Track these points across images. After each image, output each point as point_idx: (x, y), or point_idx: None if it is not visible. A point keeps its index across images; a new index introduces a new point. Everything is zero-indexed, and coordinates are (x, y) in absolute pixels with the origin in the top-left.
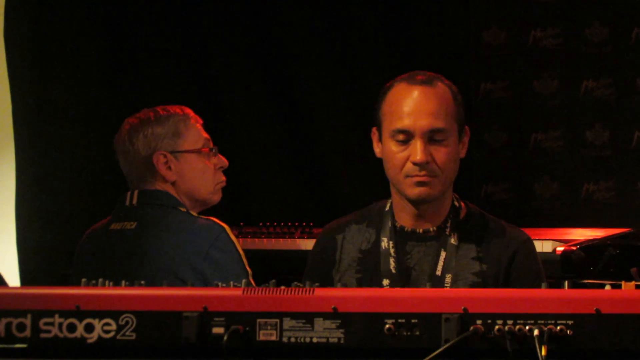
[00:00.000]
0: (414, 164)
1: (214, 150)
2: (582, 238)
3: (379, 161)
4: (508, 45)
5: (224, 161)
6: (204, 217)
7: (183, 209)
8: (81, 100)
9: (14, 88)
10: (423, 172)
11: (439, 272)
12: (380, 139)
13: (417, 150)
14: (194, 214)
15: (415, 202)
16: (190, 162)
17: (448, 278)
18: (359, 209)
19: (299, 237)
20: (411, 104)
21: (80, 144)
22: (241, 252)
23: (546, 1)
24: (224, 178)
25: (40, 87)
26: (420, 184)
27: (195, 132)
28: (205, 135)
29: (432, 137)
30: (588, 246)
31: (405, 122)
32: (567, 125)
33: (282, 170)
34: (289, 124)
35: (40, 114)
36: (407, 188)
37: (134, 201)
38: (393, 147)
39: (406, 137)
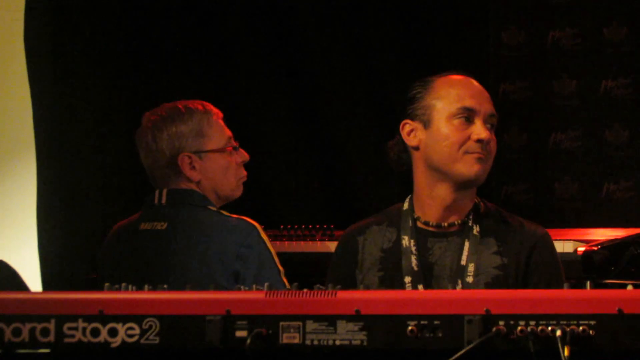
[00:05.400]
0: (478, 141)
1: (236, 148)
2: (603, 238)
3: None
4: (527, 46)
5: (245, 155)
6: (235, 216)
7: (213, 208)
8: (101, 103)
9: (34, 92)
10: (484, 151)
11: (463, 262)
12: (426, 126)
13: (481, 128)
14: (225, 213)
15: (468, 182)
16: (214, 161)
17: (471, 267)
18: (378, 211)
19: (320, 240)
20: (471, 88)
21: (100, 147)
22: (272, 251)
23: (564, 2)
24: (245, 172)
25: (60, 90)
26: (480, 160)
27: (218, 130)
28: (228, 132)
29: (488, 122)
30: (609, 246)
31: (471, 102)
32: (586, 125)
33: (303, 174)
34: (310, 128)
35: (61, 118)
36: (465, 165)
37: (163, 200)
38: (452, 126)
39: (469, 115)
